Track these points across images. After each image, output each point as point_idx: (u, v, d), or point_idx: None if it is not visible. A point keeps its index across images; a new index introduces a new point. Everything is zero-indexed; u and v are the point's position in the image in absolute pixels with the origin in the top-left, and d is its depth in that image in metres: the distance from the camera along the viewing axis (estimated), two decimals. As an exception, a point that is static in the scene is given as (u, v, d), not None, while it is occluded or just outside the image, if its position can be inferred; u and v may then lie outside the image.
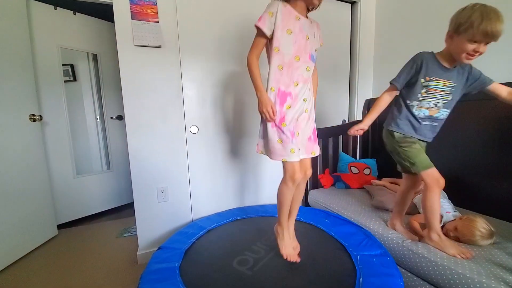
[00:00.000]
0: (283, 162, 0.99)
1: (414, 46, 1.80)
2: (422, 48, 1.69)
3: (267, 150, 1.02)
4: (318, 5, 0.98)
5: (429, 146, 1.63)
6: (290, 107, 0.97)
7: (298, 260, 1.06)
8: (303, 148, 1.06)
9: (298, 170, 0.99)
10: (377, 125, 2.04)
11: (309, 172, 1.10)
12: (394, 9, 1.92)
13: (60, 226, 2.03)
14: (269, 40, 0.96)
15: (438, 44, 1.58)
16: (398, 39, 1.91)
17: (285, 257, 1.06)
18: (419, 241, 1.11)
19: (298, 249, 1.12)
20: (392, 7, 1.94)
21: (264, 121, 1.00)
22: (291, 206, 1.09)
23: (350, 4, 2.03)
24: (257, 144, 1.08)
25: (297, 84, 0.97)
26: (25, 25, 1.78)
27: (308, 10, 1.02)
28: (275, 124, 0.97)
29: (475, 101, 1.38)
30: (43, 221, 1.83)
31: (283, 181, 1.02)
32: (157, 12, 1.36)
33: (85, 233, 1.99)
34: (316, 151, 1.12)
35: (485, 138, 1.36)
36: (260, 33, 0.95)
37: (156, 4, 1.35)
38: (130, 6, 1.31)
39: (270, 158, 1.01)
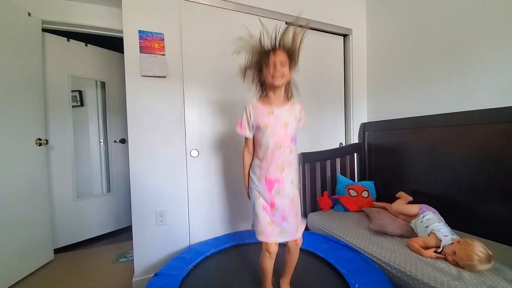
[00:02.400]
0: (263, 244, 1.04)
1: (402, 72, 1.91)
2: (410, 71, 1.82)
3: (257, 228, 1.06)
4: (283, 84, 1.02)
5: (425, 170, 1.67)
6: (278, 192, 1.02)
7: None
8: (290, 228, 1.05)
9: (272, 247, 1.01)
10: (374, 147, 2.10)
11: (300, 242, 1.09)
12: (383, 41, 2.07)
13: (56, 250, 2.00)
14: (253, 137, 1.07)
15: (426, 67, 1.70)
16: (388, 67, 2.03)
17: None
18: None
19: None
20: (381, 39, 2.09)
21: (254, 206, 1.06)
22: (286, 267, 1.11)
23: (342, 37, 2.20)
24: (253, 225, 1.11)
25: (283, 170, 1.02)
26: (39, 55, 1.92)
27: (287, 96, 1.08)
28: (268, 209, 1.02)
29: (466, 125, 1.45)
30: (40, 246, 1.81)
31: (262, 252, 1.05)
32: (163, 46, 1.48)
33: (81, 258, 1.96)
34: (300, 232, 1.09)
35: (476, 160, 1.41)
36: (246, 138, 1.09)
37: (163, 40, 1.48)
38: (139, 41, 1.43)
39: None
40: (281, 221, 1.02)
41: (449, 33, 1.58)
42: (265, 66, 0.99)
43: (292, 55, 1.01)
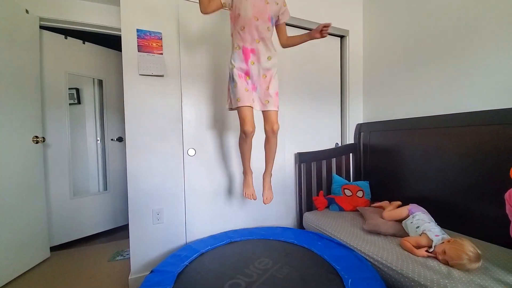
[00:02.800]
0: (238, 111, 1.17)
1: (398, 73, 1.94)
2: (405, 73, 1.85)
3: (232, 102, 1.21)
4: None
5: (418, 170, 1.70)
6: (253, 63, 1.12)
7: (256, 198, 1.28)
8: (262, 100, 1.19)
9: (248, 122, 1.14)
10: (369, 147, 2.13)
11: (276, 127, 1.21)
12: (379, 43, 2.10)
13: (52, 248, 2.00)
14: (231, 8, 1.15)
15: (421, 69, 1.73)
16: (384, 68, 2.06)
17: (245, 197, 1.30)
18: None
19: (270, 198, 1.28)
20: (377, 40, 2.12)
21: (231, 78, 1.20)
22: (265, 159, 1.22)
23: (339, 38, 2.22)
24: (228, 101, 1.27)
25: (258, 41, 1.12)
26: (37, 52, 1.92)
27: None
28: (243, 76, 1.14)
29: (458, 127, 1.48)
30: (37, 243, 1.81)
31: (240, 132, 1.16)
32: (161, 46, 1.49)
33: (77, 256, 1.96)
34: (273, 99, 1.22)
35: (467, 161, 1.44)
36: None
37: (161, 39, 1.49)
38: (137, 40, 1.44)
39: (231, 108, 1.24)
40: (253, 90, 1.16)
41: (443, 36, 1.61)
42: None
43: None
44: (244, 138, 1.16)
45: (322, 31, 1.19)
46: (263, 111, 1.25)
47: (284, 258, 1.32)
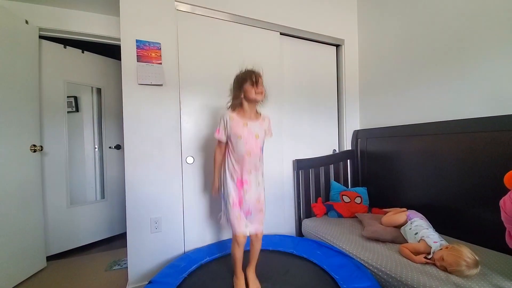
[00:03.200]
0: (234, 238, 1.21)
1: (393, 81, 1.98)
2: (400, 81, 1.88)
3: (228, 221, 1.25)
4: (262, 99, 1.23)
5: (415, 177, 1.72)
6: (246, 192, 1.21)
7: None
8: (255, 223, 1.24)
9: (241, 236, 1.19)
10: (366, 153, 2.15)
11: (260, 235, 1.25)
12: (375, 51, 2.14)
13: (49, 258, 1.97)
14: (227, 142, 1.25)
15: (416, 77, 1.76)
16: (380, 75, 2.09)
17: None
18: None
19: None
20: (372, 49, 2.17)
21: (226, 202, 1.25)
22: (250, 256, 1.26)
23: (335, 47, 2.26)
24: (220, 217, 1.31)
25: (251, 172, 1.22)
26: (36, 61, 1.93)
27: (255, 111, 1.27)
28: (237, 205, 1.20)
29: (455, 134, 1.51)
30: (33, 253, 1.78)
31: (232, 242, 1.23)
32: (160, 55, 1.51)
33: (74, 266, 1.93)
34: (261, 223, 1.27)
35: (464, 168, 1.46)
36: (219, 141, 1.27)
37: (160, 49, 1.51)
38: (137, 50, 1.46)
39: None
40: (246, 216, 1.22)
41: (438, 44, 1.64)
42: (250, 84, 1.18)
43: None
44: (237, 247, 1.20)
45: None
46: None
47: (283, 270, 1.31)
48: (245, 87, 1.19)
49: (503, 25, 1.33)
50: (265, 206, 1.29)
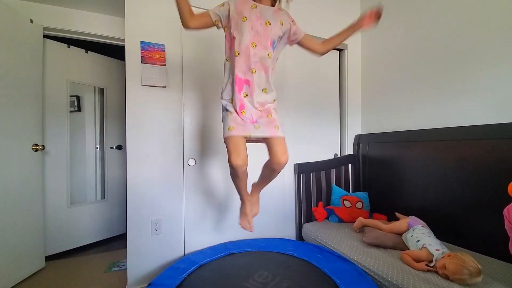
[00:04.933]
0: (225, 141, 1.00)
1: (395, 86, 1.98)
2: (403, 86, 1.88)
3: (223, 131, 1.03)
4: None
5: (417, 182, 1.71)
6: (247, 95, 0.98)
7: (253, 230, 1.22)
8: (269, 127, 1.00)
9: (237, 153, 0.95)
10: (368, 158, 2.14)
11: (284, 158, 0.98)
12: (377, 56, 2.15)
13: (48, 258, 1.96)
14: (226, 28, 1.01)
15: (418, 83, 1.77)
16: (382, 81, 2.10)
17: (241, 227, 1.21)
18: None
19: (255, 213, 1.21)
20: (375, 54, 2.17)
21: (223, 109, 1.06)
22: (262, 179, 1.10)
23: (338, 51, 2.27)
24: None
25: (254, 71, 0.97)
26: (40, 61, 1.93)
27: (274, 1, 1.05)
28: (235, 111, 0.99)
29: (456, 140, 1.50)
30: (32, 253, 1.78)
31: (230, 171, 1.03)
32: (164, 57, 1.52)
33: (73, 266, 1.92)
34: (276, 131, 1.03)
35: (466, 175, 1.45)
36: (207, 14, 0.99)
37: (164, 50, 1.52)
38: (141, 52, 1.46)
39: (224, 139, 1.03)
40: (251, 124, 0.98)
41: (442, 50, 1.65)
42: None
43: None
44: (232, 171, 0.98)
45: (374, 16, 1.03)
46: (267, 141, 1.02)
47: (284, 271, 1.30)
48: None
49: (507, 32, 1.33)
50: (276, 120, 1.04)
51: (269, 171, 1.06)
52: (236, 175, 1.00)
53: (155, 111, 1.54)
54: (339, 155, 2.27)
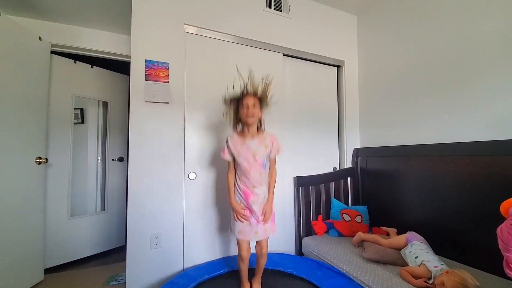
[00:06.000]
0: (237, 242, 1.34)
1: (393, 102, 2.03)
2: (400, 101, 1.93)
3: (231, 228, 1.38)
4: (255, 121, 1.30)
5: (415, 197, 1.73)
6: (254, 202, 1.30)
7: None
8: (261, 232, 1.32)
9: (245, 249, 1.31)
10: (366, 172, 2.16)
11: (264, 251, 1.35)
12: (374, 72, 2.21)
13: (46, 271, 1.95)
14: (234, 161, 1.35)
15: (415, 98, 1.81)
16: (379, 97, 2.15)
17: None
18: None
19: None
20: (372, 70, 2.24)
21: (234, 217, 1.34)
22: (256, 269, 1.38)
23: (336, 67, 2.34)
24: (231, 229, 1.38)
25: (254, 187, 1.31)
26: (46, 76, 2.00)
27: (258, 129, 1.35)
28: (250, 215, 1.31)
29: (453, 156, 1.53)
30: (31, 265, 1.78)
31: (238, 257, 1.35)
32: (168, 74, 1.57)
33: (71, 280, 1.91)
34: (269, 231, 1.36)
35: (463, 190, 1.47)
36: (230, 164, 1.37)
37: (167, 68, 1.57)
38: (145, 70, 1.52)
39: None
40: (256, 224, 1.30)
41: (437, 67, 1.69)
42: (241, 107, 1.27)
43: (261, 99, 1.30)
44: (240, 261, 1.33)
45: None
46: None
47: None
48: (239, 109, 1.28)
49: (502, 50, 1.37)
50: (273, 215, 1.37)
51: (257, 260, 1.37)
52: (242, 261, 1.33)
53: (157, 126, 1.58)
54: (338, 169, 2.29)
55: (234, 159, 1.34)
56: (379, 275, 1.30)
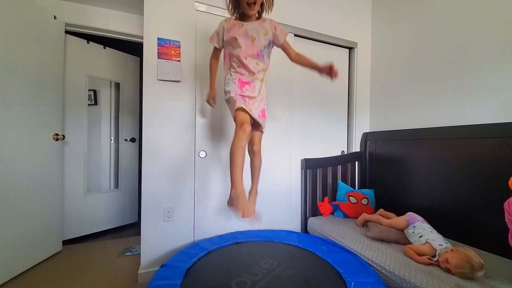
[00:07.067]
0: (235, 115, 1.20)
1: (404, 85, 1.99)
2: (411, 85, 1.89)
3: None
4: (255, 13, 1.22)
5: (423, 180, 1.73)
6: (247, 89, 1.22)
7: (254, 216, 1.21)
8: (253, 108, 1.21)
9: (247, 120, 1.16)
10: (375, 156, 2.16)
11: (256, 147, 1.29)
12: (387, 55, 2.16)
13: (64, 242, 2.08)
14: (224, 48, 1.27)
15: (427, 81, 1.78)
16: (391, 80, 2.11)
17: (245, 216, 1.15)
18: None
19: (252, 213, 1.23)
20: (385, 53, 2.18)
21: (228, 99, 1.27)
22: (252, 173, 1.25)
23: (348, 49, 2.29)
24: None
25: (254, 75, 1.23)
26: (61, 55, 2.04)
27: (259, 15, 1.27)
28: (239, 94, 1.20)
29: (463, 139, 1.52)
30: (50, 236, 1.89)
31: (235, 134, 1.15)
32: (179, 53, 1.59)
33: (88, 251, 2.03)
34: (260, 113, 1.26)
35: (472, 172, 1.47)
36: (216, 49, 1.31)
37: (179, 47, 1.59)
38: (158, 48, 1.54)
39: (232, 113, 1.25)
40: (249, 105, 1.20)
41: (450, 50, 1.66)
42: None
43: None
44: (241, 136, 1.11)
45: (332, 73, 1.20)
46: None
47: (289, 260, 1.36)
48: None
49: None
50: (265, 119, 1.28)
51: (251, 162, 1.30)
52: (242, 137, 1.12)
53: (169, 105, 1.62)
54: (346, 152, 2.30)
55: (222, 48, 1.27)
56: (383, 252, 1.33)
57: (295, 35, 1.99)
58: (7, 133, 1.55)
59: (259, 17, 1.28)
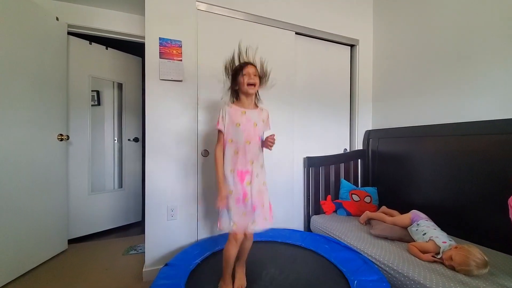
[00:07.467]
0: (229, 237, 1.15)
1: (407, 82, 1.98)
2: (413, 82, 1.88)
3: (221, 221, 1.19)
4: (255, 92, 1.24)
5: (426, 178, 1.72)
6: (249, 183, 1.17)
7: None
8: (259, 220, 1.17)
9: (239, 237, 1.13)
10: (377, 154, 2.15)
11: (249, 235, 1.19)
12: (389, 52, 2.14)
13: (70, 241, 2.11)
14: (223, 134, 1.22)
15: (429, 78, 1.76)
16: (393, 77, 2.10)
17: None
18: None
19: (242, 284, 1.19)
20: (386, 50, 2.17)
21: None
22: (240, 252, 1.20)
23: (349, 47, 2.28)
24: (219, 225, 1.20)
25: (252, 162, 1.19)
26: (64, 56, 2.06)
27: (256, 100, 1.29)
28: (241, 201, 1.15)
29: (466, 136, 1.50)
30: (56, 235, 1.92)
31: (228, 239, 1.16)
32: (181, 53, 1.59)
33: (93, 249, 2.06)
34: (268, 219, 1.20)
35: (475, 169, 1.46)
36: (220, 132, 1.23)
37: (181, 46, 1.59)
38: (159, 48, 1.55)
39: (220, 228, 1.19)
40: (252, 212, 1.14)
41: (453, 47, 1.64)
42: (241, 76, 1.19)
43: (260, 77, 1.23)
44: (234, 243, 1.13)
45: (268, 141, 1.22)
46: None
47: (291, 265, 1.35)
48: (238, 78, 1.20)
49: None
50: (267, 198, 1.22)
51: (241, 244, 1.19)
52: (235, 245, 1.14)
53: (172, 105, 1.62)
54: (348, 150, 2.29)
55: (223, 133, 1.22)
56: (387, 249, 1.33)
57: (296, 33, 1.99)
58: (13, 134, 1.57)
59: (256, 104, 1.29)
